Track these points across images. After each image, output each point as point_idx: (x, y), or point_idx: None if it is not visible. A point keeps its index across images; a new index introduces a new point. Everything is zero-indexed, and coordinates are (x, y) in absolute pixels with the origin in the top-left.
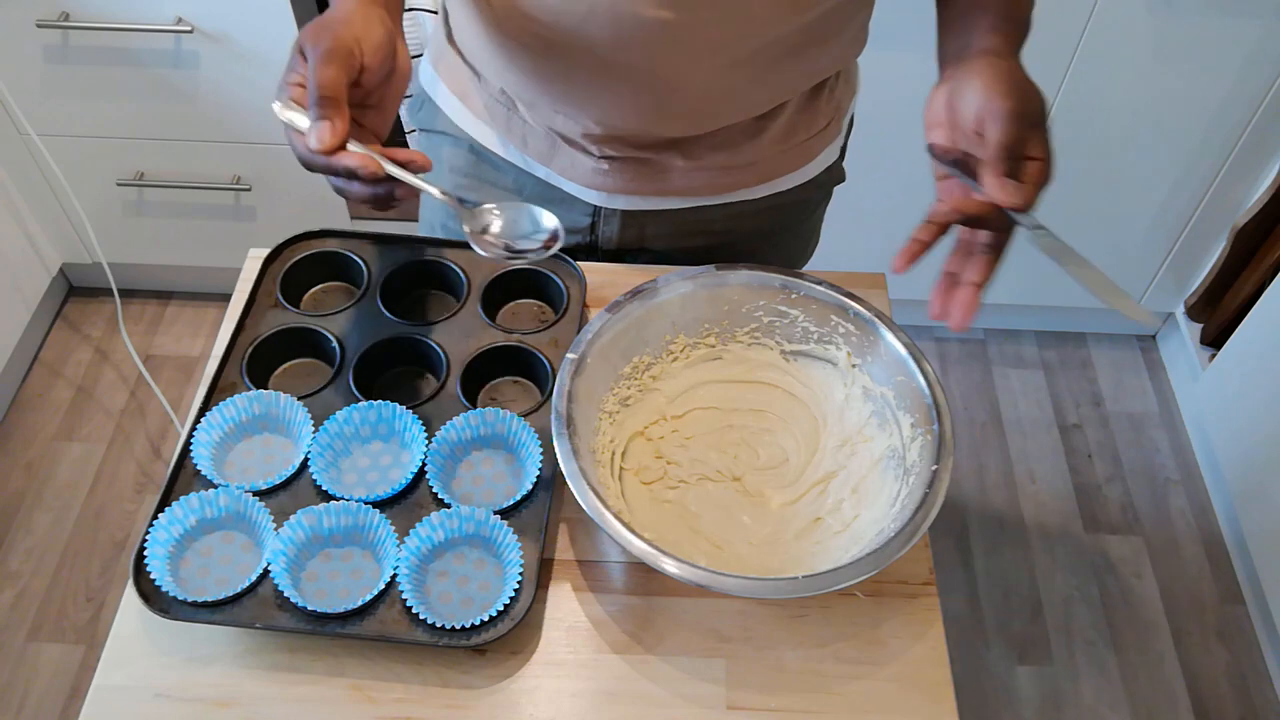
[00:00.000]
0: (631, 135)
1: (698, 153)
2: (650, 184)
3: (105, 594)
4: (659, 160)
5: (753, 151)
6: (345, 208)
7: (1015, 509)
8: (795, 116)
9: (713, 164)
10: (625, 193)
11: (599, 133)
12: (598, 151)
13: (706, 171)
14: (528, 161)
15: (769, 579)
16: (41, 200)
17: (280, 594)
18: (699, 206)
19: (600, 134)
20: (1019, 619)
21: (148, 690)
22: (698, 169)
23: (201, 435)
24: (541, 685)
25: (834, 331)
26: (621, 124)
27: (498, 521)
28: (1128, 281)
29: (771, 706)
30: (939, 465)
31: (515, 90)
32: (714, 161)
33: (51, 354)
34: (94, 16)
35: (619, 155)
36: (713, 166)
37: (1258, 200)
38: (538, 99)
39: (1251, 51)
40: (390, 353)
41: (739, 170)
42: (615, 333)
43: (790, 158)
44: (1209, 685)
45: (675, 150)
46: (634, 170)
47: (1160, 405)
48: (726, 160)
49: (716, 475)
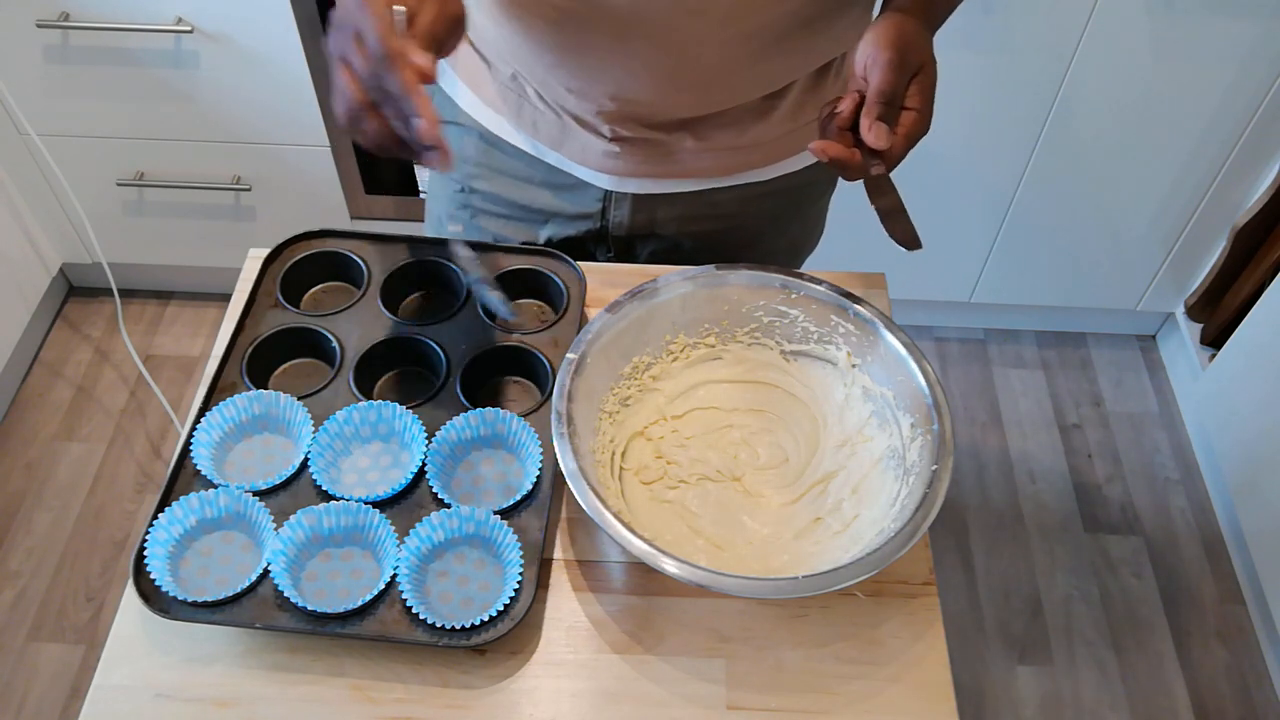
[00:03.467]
0: (644, 112)
1: (707, 133)
2: (660, 166)
3: (105, 594)
4: (669, 141)
5: (761, 132)
6: (345, 208)
7: (1015, 509)
8: (802, 96)
9: (722, 144)
10: (636, 175)
11: (612, 109)
12: (609, 132)
13: (716, 152)
14: (538, 148)
15: (769, 579)
16: (41, 200)
17: (280, 594)
18: (709, 189)
19: (613, 110)
20: (1019, 619)
21: (148, 690)
22: (707, 150)
23: (201, 435)
24: (541, 685)
25: (834, 331)
26: (635, 97)
27: (498, 521)
28: (1128, 281)
29: (771, 706)
30: (939, 465)
31: (527, 70)
32: (723, 142)
33: (51, 354)
34: (94, 16)
35: (630, 136)
36: (722, 147)
37: (1258, 200)
38: (550, 76)
39: (1251, 51)
40: (390, 353)
41: (747, 151)
42: (615, 333)
43: (798, 138)
44: (1209, 685)
45: (685, 130)
46: (645, 152)
47: (1160, 405)
48: (735, 140)
49: (716, 475)
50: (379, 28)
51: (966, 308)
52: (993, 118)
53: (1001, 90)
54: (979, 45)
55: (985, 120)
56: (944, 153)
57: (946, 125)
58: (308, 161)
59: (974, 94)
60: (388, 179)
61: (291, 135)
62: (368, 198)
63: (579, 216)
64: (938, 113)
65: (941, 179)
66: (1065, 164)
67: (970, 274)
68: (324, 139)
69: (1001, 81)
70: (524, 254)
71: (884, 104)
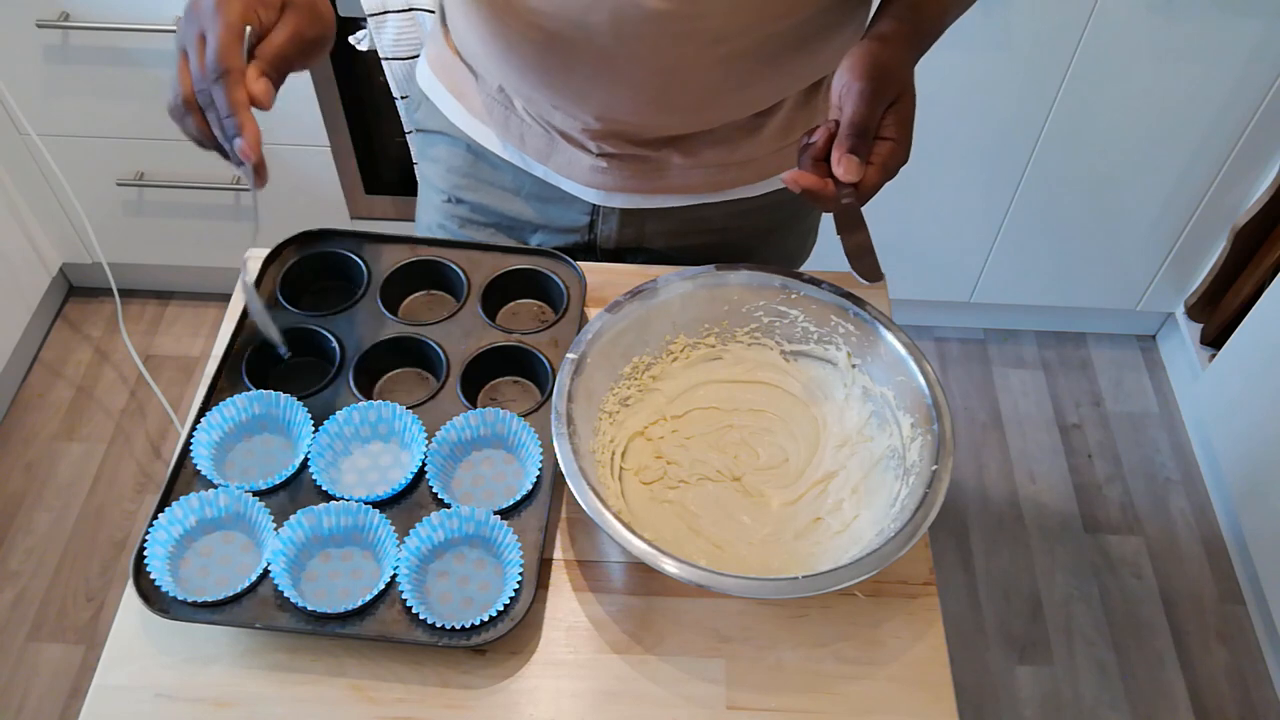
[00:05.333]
0: (630, 131)
1: (696, 150)
2: (648, 182)
3: (105, 594)
4: (657, 158)
5: (751, 149)
6: (345, 208)
7: (1015, 509)
8: (792, 114)
9: (711, 161)
10: (623, 190)
11: (598, 128)
12: (596, 149)
13: (705, 169)
14: (526, 160)
15: (769, 579)
16: (41, 200)
17: (280, 594)
18: (697, 205)
19: (599, 129)
20: (1019, 619)
21: (148, 690)
22: (696, 166)
23: (201, 435)
24: (541, 685)
25: (834, 331)
26: (621, 118)
27: (498, 521)
28: (1128, 281)
29: (771, 706)
30: (939, 465)
31: (514, 86)
32: (712, 159)
33: (51, 354)
34: (94, 16)
35: (617, 152)
36: (711, 164)
37: (1258, 200)
38: (536, 94)
39: (1251, 51)
40: (390, 353)
41: (737, 168)
42: (615, 333)
43: (788, 155)
44: (1209, 685)
45: (673, 147)
46: (632, 168)
47: (1160, 405)
48: (724, 157)
49: (716, 475)
50: (223, 39)
51: (966, 308)
52: (993, 118)
53: (1001, 90)
54: (979, 45)
55: (985, 120)
56: (944, 152)
57: (947, 125)
58: (308, 161)
59: (974, 94)
60: (388, 179)
61: (291, 135)
62: (368, 198)
63: (567, 229)
64: (939, 113)
65: (941, 179)
66: (1065, 164)
67: (970, 274)
68: (324, 139)
69: (1001, 81)
70: (524, 254)
71: (856, 135)
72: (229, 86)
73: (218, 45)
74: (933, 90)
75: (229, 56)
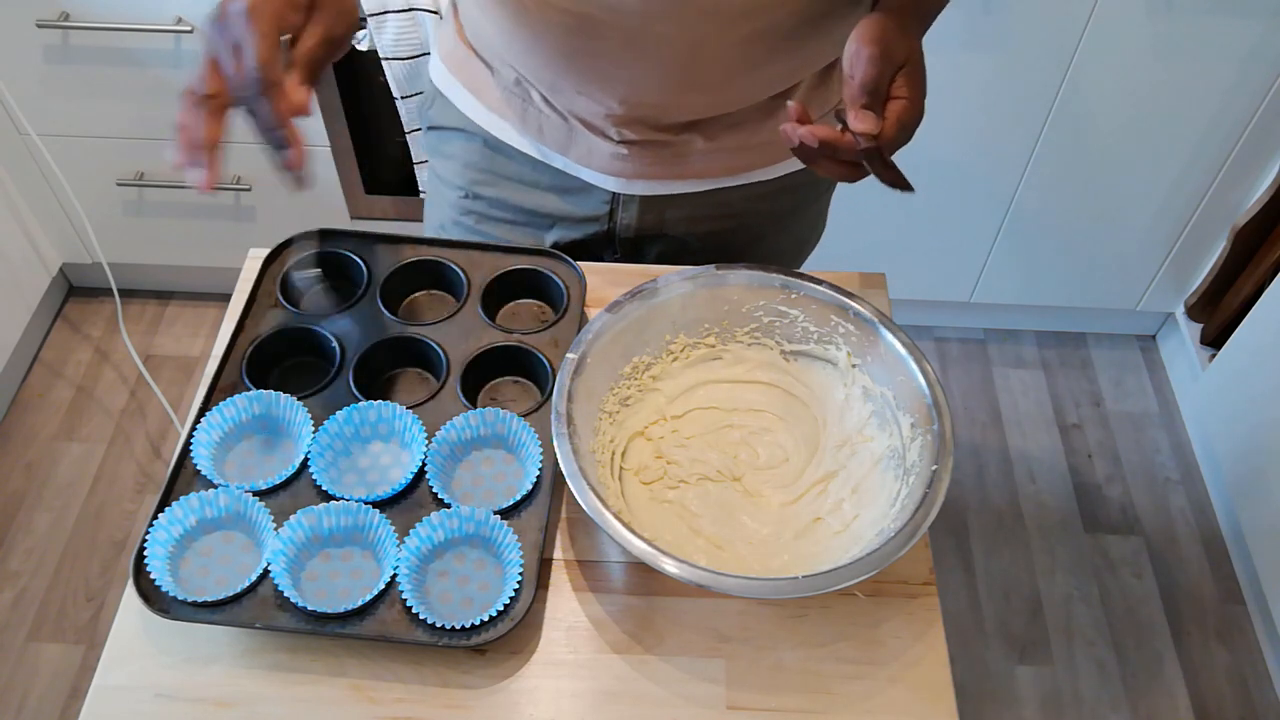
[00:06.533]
0: (653, 115)
1: (716, 134)
2: (669, 168)
3: (105, 594)
4: (678, 143)
5: (768, 131)
6: (345, 208)
7: (1015, 509)
8: (808, 95)
9: (731, 144)
10: (644, 177)
11: (621, 113)
12: (617, 135)
13: (724, 153)
14: (544, 151)
15: (769, 579)
16: (41, 200)
17: (280, 594)
18: (716, 189)
19: (622, 114)
20: (1019, 619)
21: (148, 690)
22: (717, 150)
23: (201, 435)
24: (541, 685)
25: (834, 331)
26: (646, 100)
27: (498, 521)
28: (1128, 281)
29: (771, 706)
30: (939, 465)
31: (536, 75)
32: (733, 142)
33: (51, 354)
34: (94, 16)
35: (638, 139)
36: (730, 147)
37: (1258, 200)
38: (561, 81)
39: (1251, 51)
40: (390, 353)
41: (755, 150)
42: (615, 333)
43: None
44: (1209, 685)
45: (694, 131)
46: (653, 154)
47: (1160, 405)
48: (744, 140)
49: (716, 475)
50: (262, 52)
51: (966, 308)
52: (993, 118)
53: (1001, 90)
54: (979, 45)
55: (985, 120)
56: (944, 153)
57: (947, 125)
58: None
59: (974, 94)
60: (388, 179)
61: None
62: (368, 198)
63: (586, 219)
64: (939, 113)
65: (941, 179)
66: (1065, 164)
67: (970, 274)
68: (324, 139)
69: (1001, 81)
70: (524, 254)
71: (869, 94)
72: (274, 100)
73: (257, 58)
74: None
75: (270, 69)
